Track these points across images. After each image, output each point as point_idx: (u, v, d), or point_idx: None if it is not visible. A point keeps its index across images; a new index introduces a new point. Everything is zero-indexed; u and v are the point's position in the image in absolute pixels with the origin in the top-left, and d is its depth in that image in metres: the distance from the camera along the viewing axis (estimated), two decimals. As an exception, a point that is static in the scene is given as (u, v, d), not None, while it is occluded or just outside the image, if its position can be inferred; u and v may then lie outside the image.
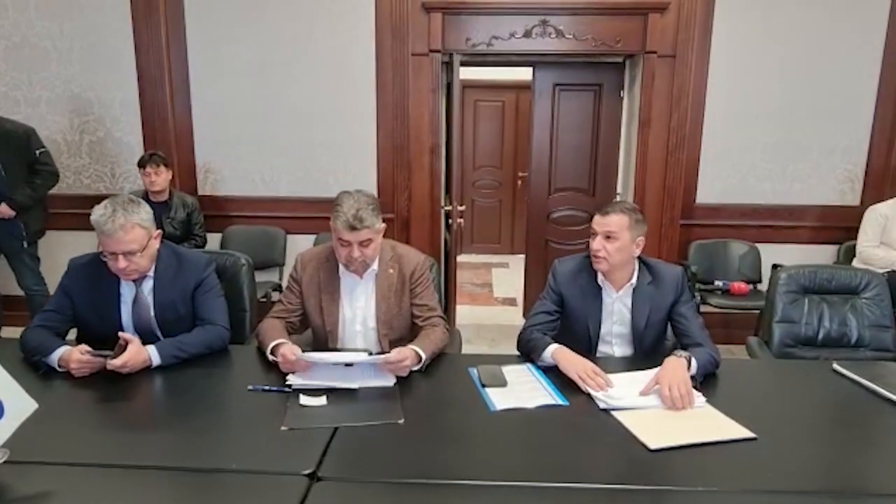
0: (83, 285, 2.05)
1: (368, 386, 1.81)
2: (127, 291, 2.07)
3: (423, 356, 1.93)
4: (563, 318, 2.23)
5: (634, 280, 2.15)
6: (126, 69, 3.95)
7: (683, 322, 2.11)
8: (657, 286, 2.15)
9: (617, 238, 2.07)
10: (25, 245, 3.64)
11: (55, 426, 1.55)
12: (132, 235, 1.92)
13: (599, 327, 2.18)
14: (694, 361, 1.86)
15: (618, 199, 4.45)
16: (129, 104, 4.01)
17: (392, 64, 3.88)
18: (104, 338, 1.96)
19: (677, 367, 1.79)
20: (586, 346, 2.16)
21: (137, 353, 1.88)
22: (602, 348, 2.21)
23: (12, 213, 3.53)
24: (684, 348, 1.96)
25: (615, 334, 2.19)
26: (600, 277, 2.17)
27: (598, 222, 2.11)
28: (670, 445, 1.49)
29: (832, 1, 3.74)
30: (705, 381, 1.86)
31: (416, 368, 1.92)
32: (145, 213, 1.99)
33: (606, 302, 2.18)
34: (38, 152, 3.61)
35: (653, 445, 1.49)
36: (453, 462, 1.45)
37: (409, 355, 1.89)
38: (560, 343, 2.02)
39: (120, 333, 1.92)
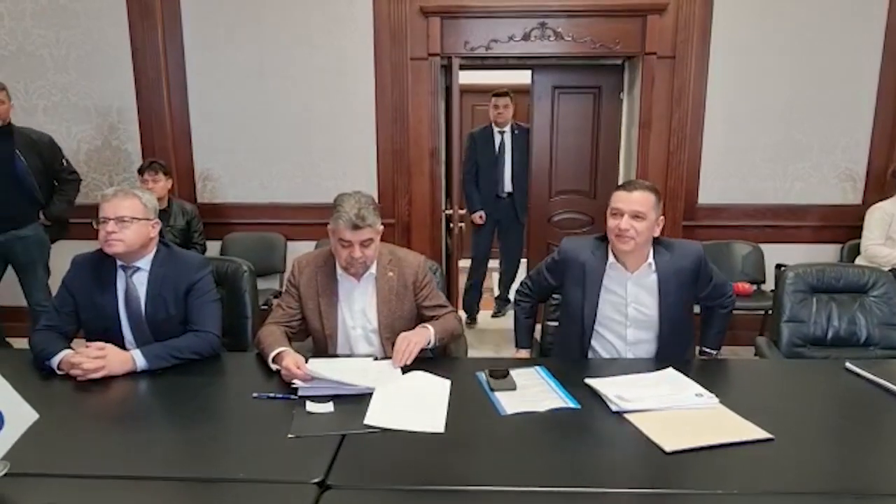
0: (84, 280, 2.06)
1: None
2: (121, 284, 2.06)
3: (432, 330, 1.96)
4: (564, 299, 2.25)
5: (651, 259, 2.09)
6: (123, 77, 3.92)
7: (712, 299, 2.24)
8: (678, 263, 2.10)
9: (645, 217, 2.00)
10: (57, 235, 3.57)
11: (57, 437, 1.52)
12: (128, 202, 1.99)
13: (595, 312, 2.13)
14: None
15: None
16: (127, 112, 3.98)
17: (391, 68, 3.86)
18: (106, 336, 1.96)
19: None
20: (581, 328, 2.16)
21: (114, 354, 1.88)
22: (608, 334, 2.16)
23: (48, 222, 3.51)
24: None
25: (630, 318, 2.13)
26: (611, 259, 2.11)
27: (625, 200, 2.01)
28: (686, 448, 1.45)
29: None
30: (716, 382, 1.83)
31: (426, 346, 1.93)
32: (149, 197, 2.07)
33: (618, 285, 2.12)
34: (63, 161, 3.57)
35: (668, 448, 1.45)
36: (465, 468, 1.42)
37: (408, 335, 1.93)
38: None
39: (88, 343, 1.92)
